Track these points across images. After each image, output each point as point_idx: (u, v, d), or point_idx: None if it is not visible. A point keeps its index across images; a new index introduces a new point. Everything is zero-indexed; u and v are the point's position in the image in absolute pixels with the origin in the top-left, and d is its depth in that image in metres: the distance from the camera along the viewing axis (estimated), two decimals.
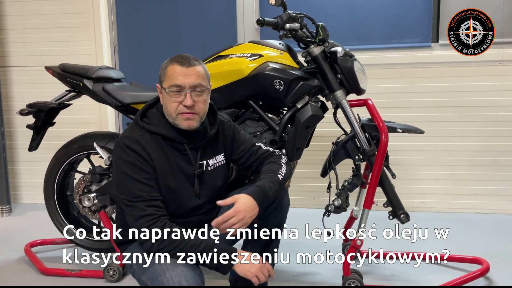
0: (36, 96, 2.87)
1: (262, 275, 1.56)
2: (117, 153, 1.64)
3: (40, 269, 2.44)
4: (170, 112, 1.65)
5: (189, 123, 1.65)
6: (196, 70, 1.64)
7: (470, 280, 2.17)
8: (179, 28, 3.50)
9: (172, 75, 1.63)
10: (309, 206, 3.39)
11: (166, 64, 1.68)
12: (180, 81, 1.62)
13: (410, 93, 3.27)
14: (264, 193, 1.64)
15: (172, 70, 1.64)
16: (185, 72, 1.62)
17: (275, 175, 1.73)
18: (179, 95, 1.62)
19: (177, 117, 1.64)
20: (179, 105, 1.63)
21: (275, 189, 1.69)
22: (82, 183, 2.48)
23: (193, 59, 1.67)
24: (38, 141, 2.59)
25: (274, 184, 1.69)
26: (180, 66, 1.63)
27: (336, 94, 2.18)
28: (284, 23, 2.14)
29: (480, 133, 3.22)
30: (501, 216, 3.20)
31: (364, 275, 2.18)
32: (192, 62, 1.65)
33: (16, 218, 3.43)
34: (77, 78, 2.44)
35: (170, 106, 1.64)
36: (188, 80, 1.62)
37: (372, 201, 2.12)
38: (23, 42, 3.63)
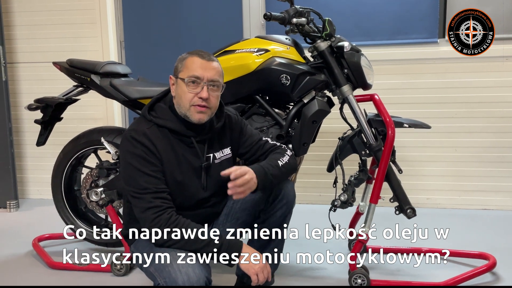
0: (44, 91, 2.89)
1: (262, 275, 1.59)
2: (125, 146, 1.66)
3: (48, 263, 2.46)
4: (184, 103, 1.67)
5: (200, 116, 1.67)
6: (215, 65, 1.70)
7: (476, 275, 2.17)
8: (185, 23, 3.50)
9: (191, 66, 1.67)
10: (314, 203, 3.39)
11: (185, 56, 1.71)
12: (200, 73, 1.65)
13: (416, 89, 3.26)
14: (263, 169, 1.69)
15: (192, 62, 1.67)
16: (205, 66, 1.67)
17: (275, 160, 1.78)
18: (196, 87, 1.65)
19: (190, 109, 1.66)
20: (195, 96, 1.65)
21: (273, 170, 1.72)
22: (90, 178, 2.50)
23: (212, 55, 1.72)
24: (46, 136, 2.61)
25: (272, 166, 1.73)
26: (201, 59, 1.67)
27: (343, 89, 2.18)
28: (291, 18, 2.14)
29: (487, 129, 3.21)
30: (507, 212, 3.19)
31: (370, 270, 2.19)
32: (211, 58, 1.70)
33: (24, 213, 3.46)
34: (85, 73, 2.45)
35: (185, 97, 1.66)
36: (207, 73, 1.66)
37: (379, 196, 2.12)
38: (30, 39, 3.66)
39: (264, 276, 1.59)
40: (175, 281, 1.48)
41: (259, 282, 1.58)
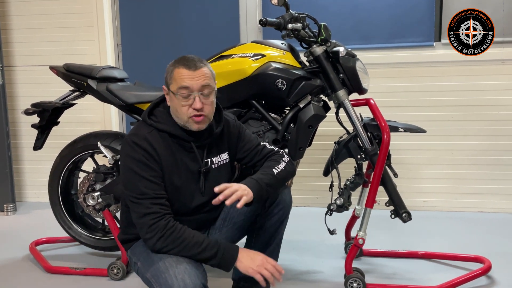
0: (41, 95, 2.90)
1: (266, 271, 1.54)
2: (125, 150, 1.66)
3: (45, 267, 2.46)
4: (181, 116, 1.66)
5: (199, 126, 1.67)
6: (203, 72, 1.65)
7: (472, 278, 2.18)
8: (182, 28, 3.51)
9: (179, 79, 1.63)
10: (311, 205, 3.40)
11: (171, 67, 1.68)
12: (188, 84, 1.62)
13: (412, 92, 3.28)
14: (256, 182, 1.66)
15: (179, 74, 1.64)
16: (192, 75, 1.63)
17: (269, 169, 1.75)
18: (188, 99, 1.64)
19: (188, 120, 1.66)
20: (189, 108, 1.64)
21: (268, 180, 1.70)
22: (87, 182, 2.50)
23: (198, 60, 1.67)
24: (43, 140, 2.61)
25: (266, 176, 1.71)
26: (187, 69, 1.64)
27: (338, 93, 2.19)
28: (286, 23, 2.15)
29: (482, 132, 3.23)
30: (503, 215, 3.20)
31: (366, 274, 2.20)
32: (198, 65, 1.65)
33: (21, 217, 3.46)
34: (81, 78, 2.46)
35: (181, 110, 1.65)
36: (195, 83, 1.63)
37: (374, 200, 2.13)
38: (27, 42, 3.66)
39: (269, 271, 1.55)
40: (171, 287, 1.48)
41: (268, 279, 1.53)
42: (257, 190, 1.65)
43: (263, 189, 1.67)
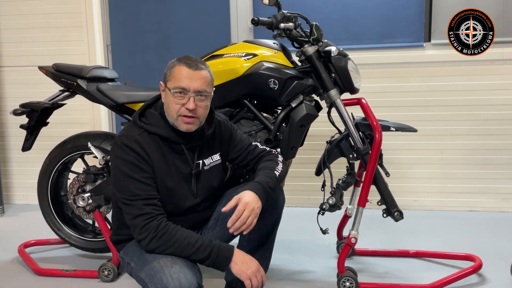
0: (29, 96, 2.86)
1: (255, 280, 1.57)
2: (115, 152, 1.64)
3: (34, 269, 2.43)
4: (171, 113, 1.65)
5: (188, 127, 1.65)
6: (203, 75, 1.64)
7: (463, 276, 2.19)
8: (172, 27, 3.50)
9: (178, 77, 1.63)
10: (303, 205, 3.40)
11: (173, 63, 1.67)
12: (186, 84, 1.61)
13: (402, 92, 3.29)
14: (263, 187, 1.65)
15: (179, 72, 1.63)
16: (191, 76, 1.62)
17: (271, 171, 1.74)
18: (183, 98, 1.62)
19: (177, 119, 1.65)
20: (181, 107, 1.63)
21: (273, 183, 1.70)
22: (76, 183, 2.48)
23: (200, 62, 1.66)
24: (32, 141, 2.58)
25: (271, 179, 1.70)
26: (188, 68, 1.63)
27: (330, 93, 2.19)
28: (278, 23, 2.15)
29: (472, 132, 3.25)
30: (492, 214, 3.23)
31: (358, 273, 2.20)
32: (199, 66, 1.64)
33: (9, 219, 3.41)
34: (71, 78, 2.43)
35: (172, 107, 1.64)
36: (193, 84, 1.62)
37: (366, 199, 2.14)
38: (15, 42, 3.62)
39: (258, 281, 1.58)
40: (167, 287, 1.47)
41: (253, 287, 1.57)
42: (265, 198, 1.65)
43: (269, 194, 1.68)
